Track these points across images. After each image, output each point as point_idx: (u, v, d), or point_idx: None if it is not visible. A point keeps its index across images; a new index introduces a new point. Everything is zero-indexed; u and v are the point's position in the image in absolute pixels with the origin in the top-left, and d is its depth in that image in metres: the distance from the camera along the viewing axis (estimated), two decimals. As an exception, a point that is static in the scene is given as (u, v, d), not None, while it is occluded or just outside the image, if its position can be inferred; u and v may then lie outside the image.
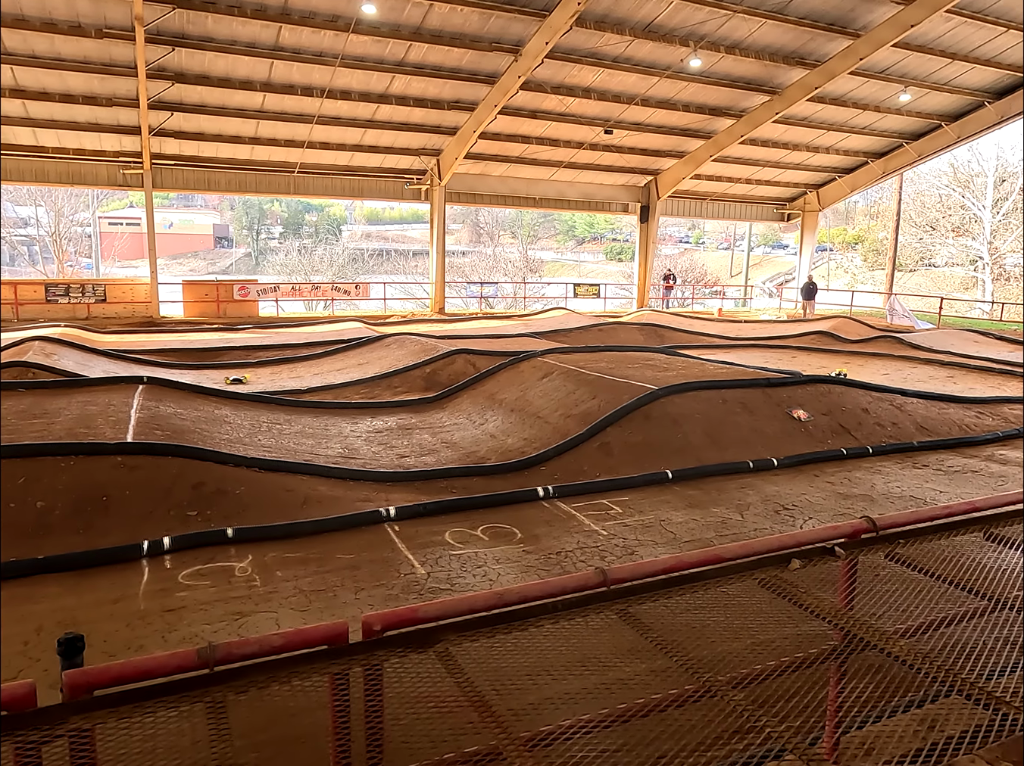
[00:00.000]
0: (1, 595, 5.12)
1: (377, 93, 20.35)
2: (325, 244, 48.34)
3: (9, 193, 41.61)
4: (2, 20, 15.51)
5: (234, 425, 9.29)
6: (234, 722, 1.99)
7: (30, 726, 1.89)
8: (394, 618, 2.31)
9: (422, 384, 13.34)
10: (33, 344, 13.85)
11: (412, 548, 5.96)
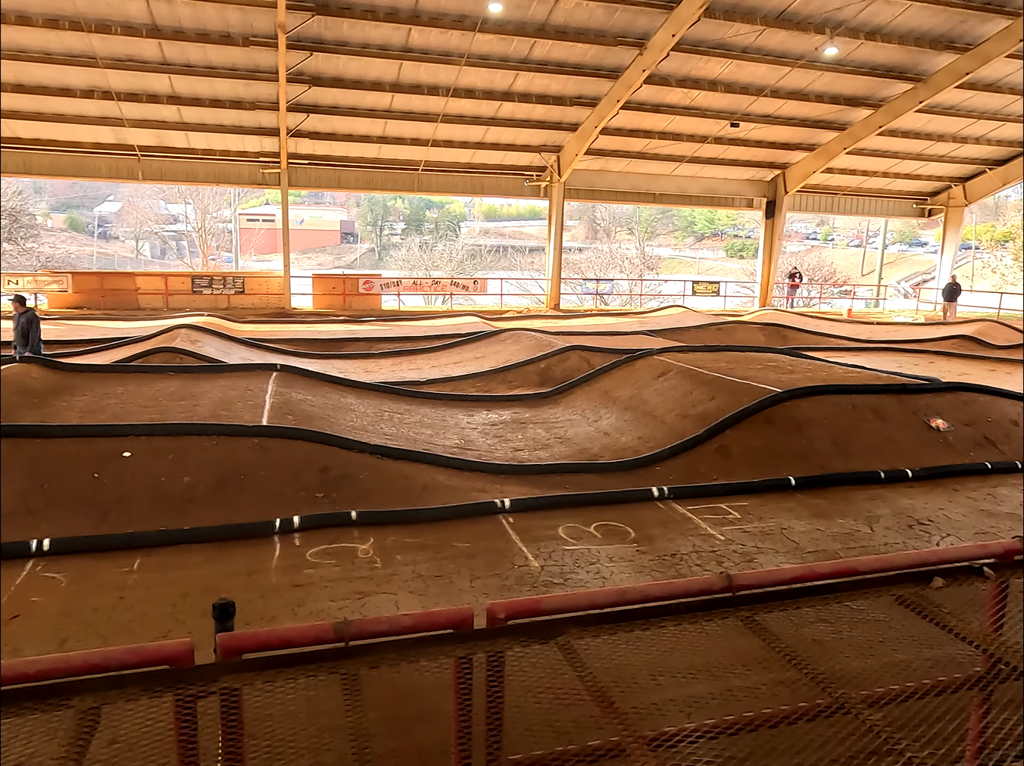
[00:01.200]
0: (151, 562, 5.61)
1: (500, 91, 20.62)
2: (445, 240, 49.54)
3: (162, 192, 45.25)
4: (164, 33, 16.87)
5: (358, 413, 9.71)
6: (365, 695, 2.10)
7: (188, 681, 2.07)
8: (518, 608, 2.36)
9: (536, 379, 13.43)
10: (180, 331, 14.99)
11: (526, 541, 6.03)
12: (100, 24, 16.59)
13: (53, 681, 2.08)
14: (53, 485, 6.34)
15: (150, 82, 18.85)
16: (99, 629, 4.64)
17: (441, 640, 2.25)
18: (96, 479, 6.44)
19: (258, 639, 2.19)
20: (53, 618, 4.77)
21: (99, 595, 5.08)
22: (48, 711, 1.96)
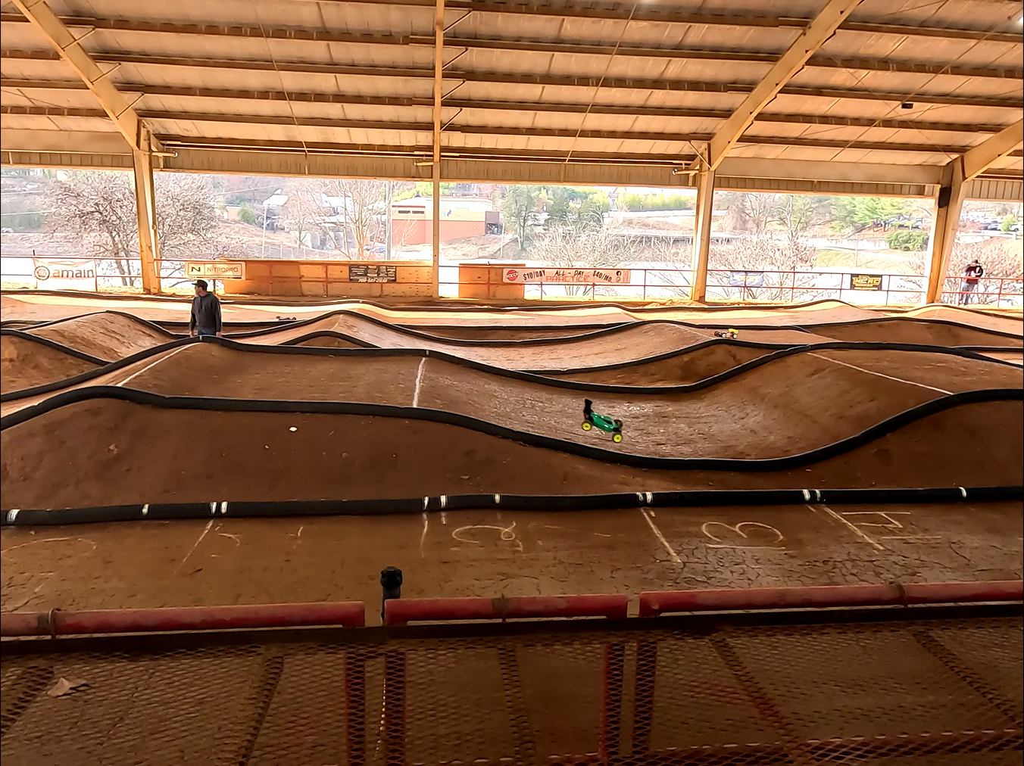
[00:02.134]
0: (313, 530, 6.05)
1: (651, 79, 20.23)
2: (588, 230, 49.38)
3: (324, 186, 48.16)
4: (332, 35, 17.92)
5: (501, 399, 9.94)
6: (521, 672, 2.17)
7: (360, 641, 2.23)
8: (672, 600, 2.34)
9: (679, 373, 13.15)
10: (339, 317, 15.94)
11: (668, 536, 5.95)
12: (276, 29, 17.86)
13: (243, 629, 2.30)
14: (230, 454, 6.96)
15: (318, 81, 20.08)
16: (268, 587, 5.06)
17: (594, 625, 2.28)
18: (266, 451, 7.01)
19: (422, 608, 2.32)
20: (229, 574, 5.26)
21: (268, 556, 5.55)
22: (241, 656, 2.17)
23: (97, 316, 14.64)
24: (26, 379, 11.07)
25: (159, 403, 7.28)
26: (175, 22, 17.73)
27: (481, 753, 2.03)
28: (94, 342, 13.07)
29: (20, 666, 2.11)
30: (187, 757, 2.67)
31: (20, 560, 5.38)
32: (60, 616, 2.19)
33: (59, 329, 12.94)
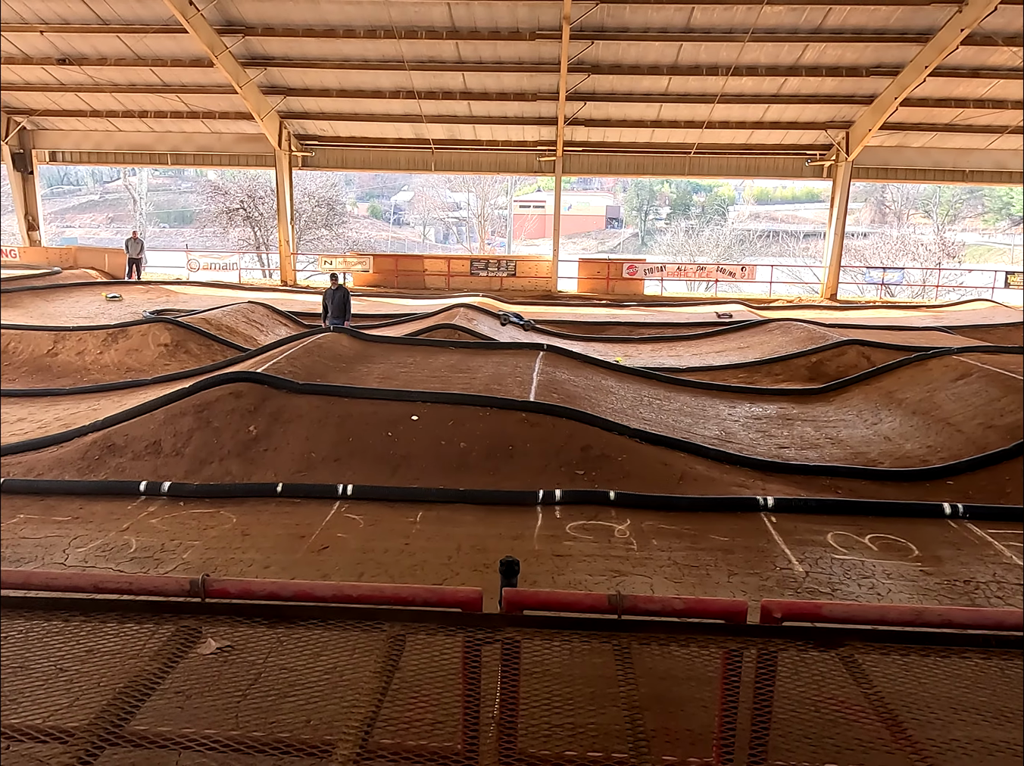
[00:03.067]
0: (431, 516, 6.24)
1: (786, 65, 19.34)
2: (712, 225, 47.93)
3: (448, 182, 49.32)
4: (460, 34, 18.32)
5: (618, 396, 9.85)
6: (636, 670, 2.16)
7: (477, 626, 2.29)
8: (795, 609, 2.26)
9: (805, 374, 12.56)
10: (459, 310, 16.32)
11: (789, 543, 5.72)
12: (409, 30, 18.45)
13: (369, 606, 2.42)
14: (356, 439, 7.30)
15: (446, 80, 20.58)
16: (388, 568, 5.28)
17: (712, 629, 2.23)
18: (389, 437, 7.30)
19: (539, 598, 2.36)
20: (353, 553, 5.53)
21: (389, 539, 5.79)
22: (367, 631, 2.29)
23: (240, 306, 15.71)
24: (178, 363, 12.05)
25: (294, 389, 7.73)
26: (316, 27, 18.67)
27: (595, 746, 2.05)
28: (237, 330, 14.04)
29: (174, 624, 2.32)
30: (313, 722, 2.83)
31: (171, 528, 5.89)
32: (209, 581, 2.38)
33: (207, 317, 13.99)
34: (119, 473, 6.89)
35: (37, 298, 17.25)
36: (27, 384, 11.05)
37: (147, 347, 12.48)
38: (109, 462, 7.02)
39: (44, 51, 20.16)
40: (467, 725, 2.34)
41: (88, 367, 12.07)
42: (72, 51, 20.16)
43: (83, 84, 21.52)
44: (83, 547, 5.51)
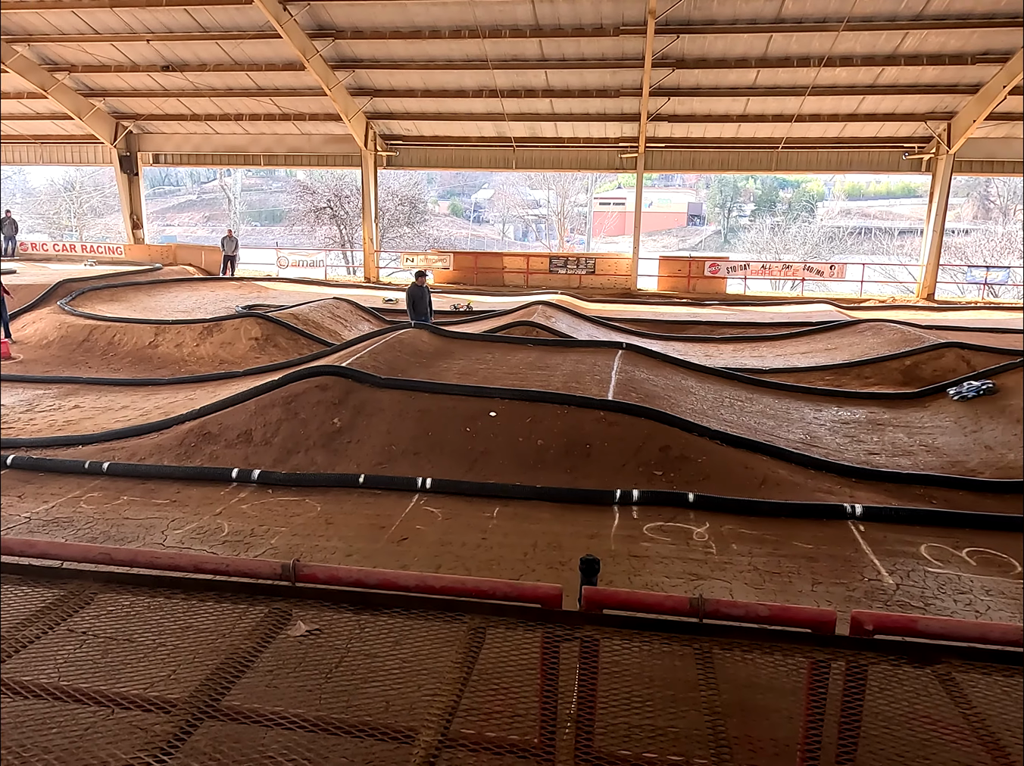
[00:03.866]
0: (508, 512, 6.29)
1: (883, 55, 18.49)
2: (799, 222, 46.33)
3: (528, 179, 49.46)
4: (544, 32, 18.33)
5: (698, 396, 9.67)
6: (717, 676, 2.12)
7: (556, 623, 2.30)
8: (888, 622, 2.18)
9: (898, 377, 11.99)
10: (537, 307, 16.34)
11: (879, 553, 5.49)
12: (493, 29, 18.58)
13: (450, 597, 2.47)
14: (435, 434, 7.43)
15: (529, 78, 20.63)
16: (465, 562, 5.36)
17: (799, 638, 2.17)
18: (468, 433, 7.39)
19: (619, 598, 2.35)
20: (431, 545, 5.64)
21: (466, 533, 5.87)
22: (448, 622, 2.34)
23: (325, 302, 16.21)
24: (267, 356, 12.55)
25: (376, 383, 7.93)
26: (403, 29, 19.05)
27: (675, 749, 2.03)
28: (322, 325, 14.49)
29: (266, 605, 2.42)
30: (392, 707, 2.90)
31: (260, 514, 6.14)
32: (299, 566, 2.48)
33: (295, 313, 14.51)
34: (213, 460, 7.24)
35: (140, 293, 18.29)
36: (130, 373, 11.74)
37: (239, 340, 13.04)
38: (204, 449, 7.38)
39: (150, 59, 21.30)
40: (544, 720, 2.35)
41: (185, 359, 12.72)
42: (175, 58, 21.24)
43: (184, 89, 22.63)
44: (180, 529, 5.82)
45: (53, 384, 10.67)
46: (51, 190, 45.80)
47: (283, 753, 2.01)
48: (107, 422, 8.73)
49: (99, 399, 9.88)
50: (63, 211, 45.08)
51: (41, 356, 12.86)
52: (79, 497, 6.46)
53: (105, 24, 19.87)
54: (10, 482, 6.77)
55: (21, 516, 6.02)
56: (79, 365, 12.34)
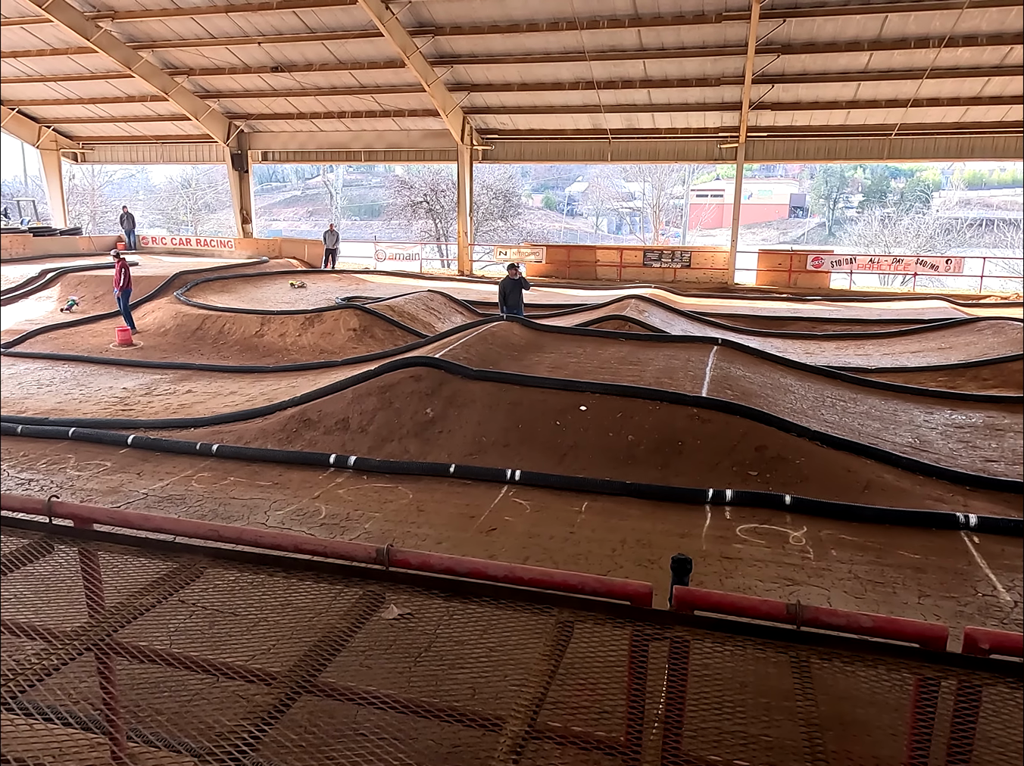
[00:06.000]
0: (596, 507, 6.24)
1: (1013, 32, 17.14)
2: (912, 212, 43.72)
3: (623, 171, 48.81)
4: (643, 20, 18.01)
5: (797, 395, 9.31)
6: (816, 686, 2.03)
7: (646, 621, 2.26)
8: (1008, 642, 2.03)
9: (1021, 380, 11.15)
10: (630, 301, 16.14)
11: (995, 567, 5.13)
12: (590, 20, 18.40)
13: (539, 589, 2.47)
14: (525, 426, 7.47)
15: (626, 69, 20.32)
16: (552, 554, 5.37)
17: (905, 652, 2.06)
18: (557, 426, 7.39)
19: (711, 599, 2.29)
20: (519, 537, 5.67)
21: (554, 526, 5.87)
22: (536, 614, 2.34)
23: (420, 294, 16.55)
24: (364, 346, 12.94)
25: (468, 375, 8.03)
26: (500, 23, 19.14)
27: (768, 759, 1.96)
28: (417, 317, 14.81)
29: (361, 588, 2.50)
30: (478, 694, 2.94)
31: (355, 499, 6.35)
32: (393, 551, 2.54)
33: (391, 305, 14.89)
34: (312, 445, 7.54)
35: (248, 284, 19.22)
36: (238, 361, 12.37)
37: (338, 331, 13.51)
38: (304, 435, 7.70)
39: (261, 60, 22.28)
40: (631, 719, 2.32)
41: (288, 348, 13.28)
42: (284, 59, 22.13)
43: (292, 89, 23.56)
44: (281, 510, 6.09)
45: (169, 370, 11.38)
46: (169, 187, 48.79)
47: (375, 731, 2.07)
48: (217, 406, 9.23)
49: (210, 384, 10.46)
50: (180, 207, 47.90)
51: (159, 343, 13.73)
52: (191, 476, 6.86)
53: (220, 28, 20.91)
54: (130, 460, 7.27)
55: (139, 492, 6.45)
56: (192, 352, 13.10)
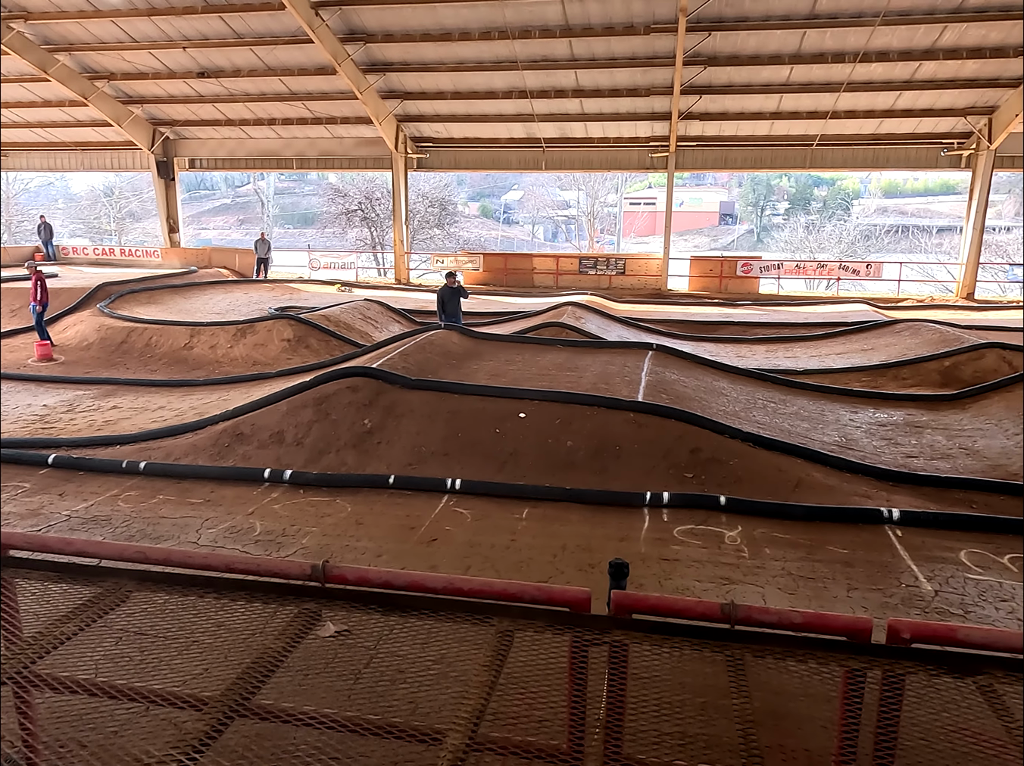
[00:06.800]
0: (537, 513, 6.27)
1: (921, 49, 18.09)
2: (834, 220, 45.56)
3: (558, 180, 49.35)
4: (574, 31, 18.28)
5: (730, 398, 9.56)
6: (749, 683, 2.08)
7: (585, 627, 2.28)
8: (927, 631, 2.12)
9: (937, 379, 11.73)
10: (567, 308, 16.30)
11: (917, 559, 5.37)
12: (522, 30, 18.58)
13: (479, 599, 2.46)
14: (465, 435, 7.44)
15: (559, 78, 20.58)
16: (494, 563, 5.36)
17: (833, 646, 2.13)
18: (497, 434, 7.39)
19: (648, 602, 2.32)
20: (460, 547, 5.64)
21: (495, 534, 5.86)
22: (476, 624, 2.33)
23: (356, 304, 16.35)
24: (299, 357, 12.69)
25: (406, 384, 7.97)
26: (433, 32, 19.13)
27: (706, 757, 2.00)
28: (353, 326, 14.62)
29: (296, 606, 2.44)
30: (419, 709, 2.91)
31: (291, 514, 6.21)
32: (329, 567, 2.49)
33: (326, 314, 14.65)
34: (246, 460, 7.34)
35: (176, 295, 18.63)
36: (167, 375, 11.96)
37: (272, 342, 13.21)
38: (237, 449, 7.49)
39: (186, 66, 21.69)
40: (573, 725, 2.34)
41: (219, 360, 12.92)
42: (210, 65, 21.59)
43: (219, 95, 23.01)
44: (214, 528, 5.90)
45: (93, 385, 10.92)
46: (91, 196, 46.95)
47: (312, 753, 2.02)
48: (144, 422, 8.90)
49: (137, 399, 10.08)
50: (103, 216, 46.15)
51: (81, 358, 13.17)
52: (117, 495, 6.59)
53: (143, 32, 20.28)
54: (51, 481, 6.94)
55: (61, 514, 6.16)
56: (118, 366, 12.61)
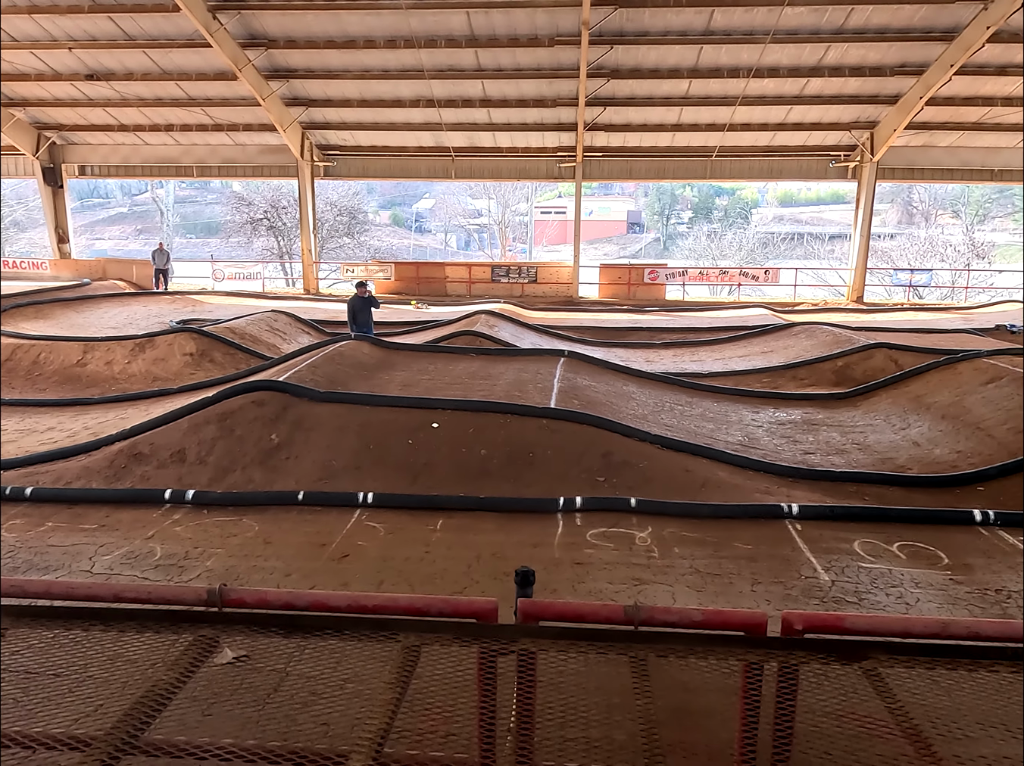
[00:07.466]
0: (451, 524, 6.23)
1: (808, 66, 19.16)
2: (735, 228, 47.57)
3: (469, 189, 49.52)
4: (479, 42, 18.41)
5: (639, 402, 9.79)
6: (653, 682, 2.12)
7: (493, 637, 2.27)
8: (817, 621, 2.22)
9: (832, 378, 12.38)
10: (480, 317, 16.33)
11: (815, 551, 5.63)
12: (428, 39, 18.57)
13: (384, 616, 2.41)
14: (377, 447, 7.32)
15: (466, 88, 20.67)
16: (408, 577, 5.28)
17: (732, 641, 2.19)
18: (410, 445, 7.31)
19: (554, 609, 2.33)
20: (373, 562, 5.53)
21: (409, 547, 5.78)
22: (381, 641, 2.28)
23: (263, 315, 15.86)
24: (203, 371, 12.20)
25: (315, 397, 7.77)
26: (337, 39, 18.87)
27: (609, 761, 2.02)
28: (260, 339, 14.17)
29: (191, 633, 2.33)
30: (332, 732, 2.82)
31: (195, 536, 5.94)
32: (226, 591, 2.39)
33: (231, 327, 14.15)
34: (145, 481, 6.98)
35: (67, 309, 17.58)
36: (57, 394, 11.25)
37: (173, 356, 12.65)
38: (135, 470, 7.11)
39: (73, 67, 20.58)
40: (483, 737, 2.32)
41: (116, 377, 12.26)
42: (100, 67, 20.56)
43: (111, 99, 21.94)
44: (109, 555, 5.58)
45: (-28, 407, 10.14)
46: (-30, 203, 43.79)
47: (209, 788, 1.93)
48: (32, 445, 8.33)
49: (23, 421, 9.43)
50: (-17, 225, 43.12)
51: (-41, 378, 12.22)
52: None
53: (23, 31, 19.13)
54: (-77, 512, 6.39)
55: (-65, 548, 5.68)
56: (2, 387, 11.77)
